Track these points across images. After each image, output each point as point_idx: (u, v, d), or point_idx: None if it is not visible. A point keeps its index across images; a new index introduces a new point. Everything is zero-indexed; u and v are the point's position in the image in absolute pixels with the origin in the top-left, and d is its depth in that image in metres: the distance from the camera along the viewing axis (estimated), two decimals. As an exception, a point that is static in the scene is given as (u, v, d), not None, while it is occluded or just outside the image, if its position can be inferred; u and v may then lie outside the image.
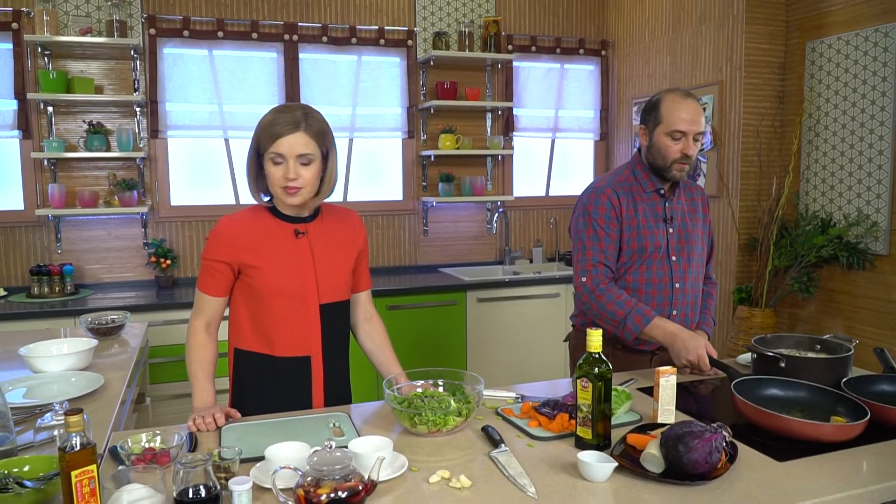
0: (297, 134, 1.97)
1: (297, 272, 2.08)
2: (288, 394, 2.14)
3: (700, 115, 2.37)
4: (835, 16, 3.88)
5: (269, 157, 1.99)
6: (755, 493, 1.50)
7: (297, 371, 2.13)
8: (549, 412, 1.90)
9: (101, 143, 4.27)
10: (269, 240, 2.08)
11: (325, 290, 2.12)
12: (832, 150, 3.92)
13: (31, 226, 4.35)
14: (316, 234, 2.14)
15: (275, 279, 2.06)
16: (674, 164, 2.39)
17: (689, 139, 2.36)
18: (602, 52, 5.47)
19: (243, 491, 1.41)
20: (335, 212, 2.24)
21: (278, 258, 2.07)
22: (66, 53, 4.30)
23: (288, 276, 2.07)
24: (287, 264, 2.08)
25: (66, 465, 1.32)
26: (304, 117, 1.99)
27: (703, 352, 2.30)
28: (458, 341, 4.55)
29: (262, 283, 2.06)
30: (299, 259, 2.09)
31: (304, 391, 2.15)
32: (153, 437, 1.70)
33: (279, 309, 2.08)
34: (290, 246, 2.09)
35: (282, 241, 2.09)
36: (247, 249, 2.06)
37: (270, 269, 2.06)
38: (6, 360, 2.70)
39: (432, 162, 5.11)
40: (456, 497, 1.50)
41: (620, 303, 2.36)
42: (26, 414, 2.03)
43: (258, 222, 2.10)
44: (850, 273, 3.85)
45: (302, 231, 2.11)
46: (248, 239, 2.07)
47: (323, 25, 4.75)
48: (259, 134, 2.01)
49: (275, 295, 2.07)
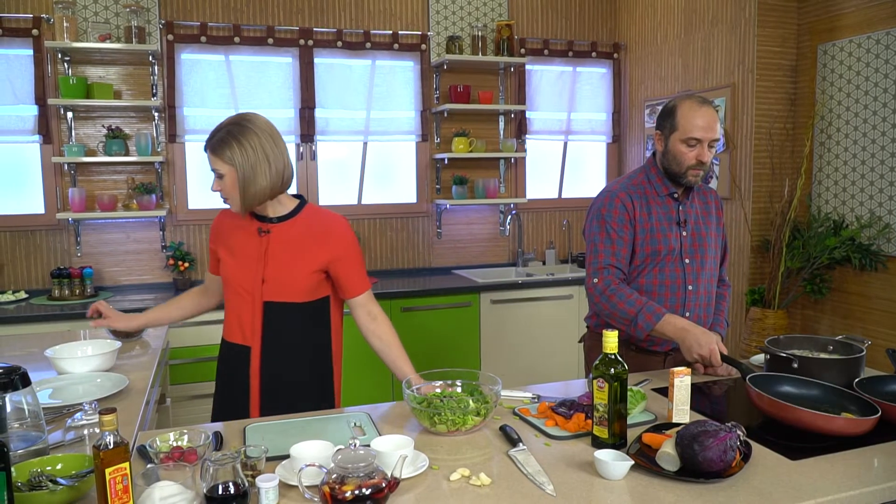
0: (209, 153, 2.18)
1: (248, 268, 2.25)
2: (231, 376, 2.32)
3: (715, 122, 2.39)
4: (846, 19, 3.90)
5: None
6: (769, 490, 1.53)
7: (238, 358, 2.30)
8: (566, 412, 1.94)
9: (119, 148, 4.33)
10: (237, 234, 2.30)
11: (270, 288, 2.24)
12: (844, 152, 3.93)
13: (52, 229, 4.42)
14: (279, 235, 2.26)
15: (229, 272, 2.28)
16: (689, 171, 2.42)
17: (705, 146, 2.39)
18: (614, 54, 5.50)
19: (270, 488, 1.46)
20: (316, 217, 2.30)
21: (238, 251, 2.28)
22: (86, 59, 4.38)
23: (240, 269, 2.26)
24: (242, 259, 2.27)
25: (100, 463, 1.36)
26: (211, 136, 2.17)
27: (714, 347, 2.30)
28: (472, 343, 4.59)
29: (223, 272, 2.31)
30: (254, 256, 2.26)
31: (243, 378, 2.29)
32: (180, 437, 1.74)
33: (232, 297, 2.30)
34: (251, 243, 2.27)
35: (246, 236, 2.28)
36: (221, 240, 2.34)
37: (229, 262, 2.29)
38: (29, 362, 2.74)
39: (446, 165, 5.16)
40: (476, 494, 1.54)
41: (631, 301, 2.39)
42: (55, 414, 2.08)
43: (238, 218, 2.31)
44: (863, 274, 3.87)
45: (265, 230, 2.26)
46: (223, 231, 2.34)
47: (338, 30, 4.80)
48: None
49: (228, 285, 2.30)
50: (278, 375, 2.29)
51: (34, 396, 1.76)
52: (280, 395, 2.29)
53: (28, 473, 1.55)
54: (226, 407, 2.34)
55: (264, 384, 2.28)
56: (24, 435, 1.72)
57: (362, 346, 2.38)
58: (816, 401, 2.00)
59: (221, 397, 2.38)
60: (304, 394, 2.31)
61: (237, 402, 2.30)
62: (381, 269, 5.11)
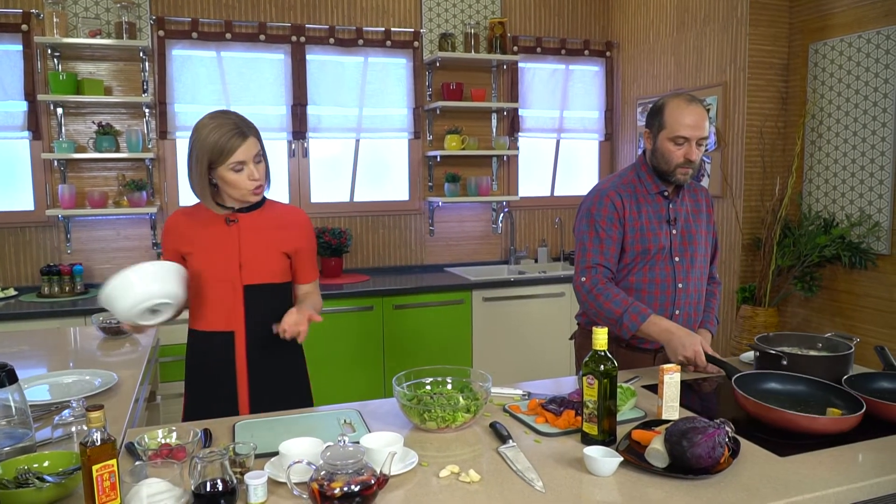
0: (250, 140, 2.18)
1: (223, 255, 2.28)
2: (216, 365, 2.32)
3: (703, 120, 2.39)
4: (837, 18, 3.91)
5: (229, 166, 2.17)
6: (757, 486, 1.54)
7: (222, 345, 2.31)
8: (556, 409, 1.94)
9: (110, 144, 4.31)
10: (203, 228, 2.30)
11: (248, 272, 2.29)
12: (835, 150, 3.95)
13: (41, 226, 4.40)
14: (247, 223, 2.30)
15: (201, 263, 2.28)
16: (677, 169, 2.43)
17: (693, 144, 2.39)
18: (607, 53, 5.50)
19: (259, 484, 1.46)
20: (277, 208, 2.40)
21: (208, 244, 2.28)
22: (76, 55, 4.35)
23: (215, 259, 2.27)
24: (215, 249, 2.28)
25: (87, 460, 1.35)
26: (241, 122, 2.19)
27: (699, 348, 2.32)
28: (464, 340, 4.59)
29: (193, 266, 2.28)
30: (227, 244, 2.28)
31: (230, 363, 2.31)
32: (169, 434, 1.73)
33: (208, 288, 2.29)
34: (221, 232, 2.29)
35: (214, 228, 2.29)
36: (183, 237, 2.30)
37: (199, 254, 2.28)
38: (19, 359, 2.74)
39: (438, 162, 5.15)
40: (466, 491, 1.54)
41: (618, 301, 2.40)
42: (43, 411, 2.07)
43: (199, 213, 2.31)
44: (853, 272, 3.88)
45: (233, 219, 2.29)
46: (186, 228, 2.31)
47: (330, 27, 4.79)
48: (209, 151, 2.15)
49: (201, 277, 2.28)
50: (263, 355, 2.34)
51: (21, 393, 1.76)
52: (266, 373, 2.35)
53: (15, 471, 1.54)
54: (206, 398, 2.34)
55: (252, 364, 2.32)
56: (11, 432, 1.72)
57: (352, 344, 2.38)
58: (803, 397, 2.02)
59: (200, 390, 2.38)
60: (286, 373, 2.40)
61: (221, 390, 2.32)
62: (374, 267, 5.10)
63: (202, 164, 2.17)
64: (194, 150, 2.18)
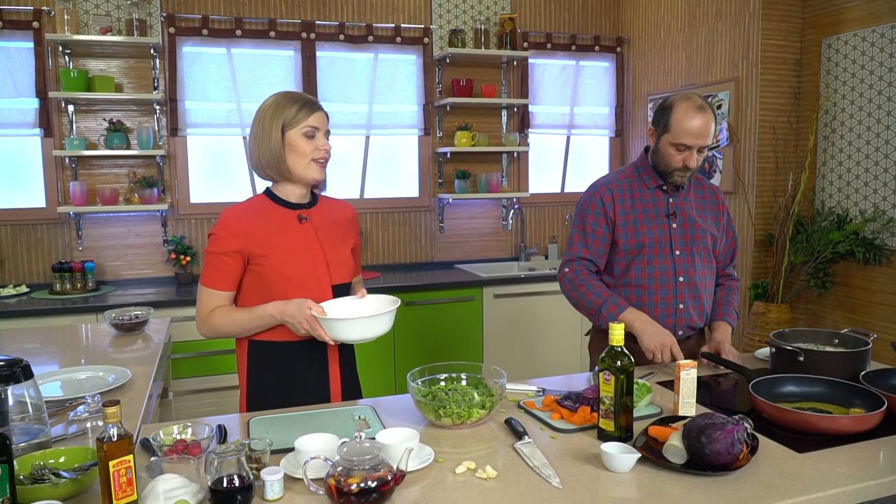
0: (324, 113, 2.15)
1: (307, 256, 2.13)
2: (308, 376, 2.18)
3: (708, 130, 2.38)
4: (850, 12, 3.88)
5: (303, 130, 2.08)
6: (776, 483, 1.53)
7: (315, 352, 2.17)
8: (571, 405, 1.93)
9: (121, 141, 4.32)
10: (275, 227, 2.11)
11: (335, 271, 2.19)
12: (848, 146, 3.92)
13: (53, 223, 4.41)
14: (318, 219, 2.21)
15: (285, 265, 2.09)
16: (675, 172, 2.47)
17: (693, 152, 2.40)
18: (617, 48, 5.48)
19: (275, 480, 1.45)
20: (330, 202, 2.32)
21: (285, 244, 2.10)
22: (87, 52, 4.36)
23: (298, 262, 2.11)
24: (295, 250, 2.12)
25: (104, 455, 1.35)
26: (308, 99, 2.13)
27: (667, 342, 2.36)
28: (474, 337, 4.58)
29: (272, 270, 2.08)
30: (306, 244, 2.15)
31: (323, 371, 2.20)
32: (184, 430, 1.73)
33: (293, 294, 2.06)
34: (296, 232, 2.14)
35: (286, 227, 2.13)
36: (254, 238, 2.07)
37: (279, 256, 2.08)
38: (31, 356, 2.74)
39: (448, 159, 5.14)
40: (483, 487, 1.53)
41: (597, 292, 2.47)
42: (56, 408, 2.07)
43: (262, 211, 2.13)
44: (867, 268, 3.86)
45: (305, 216, 2.17)
46: (254, 228, 2.08)
47: (340, 24, 4.78)
48: (284, 111, 2.08)
49: (286, 281, 2.08)
50: (354, 357, 2.32)
51: (37, 389, 1.76)
52: (355, 379, 2.33)
53: (31, 466, 1.54)
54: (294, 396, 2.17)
55: (344, 370, 2.26)
56: (27, 428, 1.72)
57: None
58: (822, 398, 2.00)
59: (291, 393, 2.17)
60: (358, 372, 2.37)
61: (312, 394, 2.19)
62: (384, 264, 5.10)
63: (277, 125, 2.06)
64: (266, 116, 2.08)
